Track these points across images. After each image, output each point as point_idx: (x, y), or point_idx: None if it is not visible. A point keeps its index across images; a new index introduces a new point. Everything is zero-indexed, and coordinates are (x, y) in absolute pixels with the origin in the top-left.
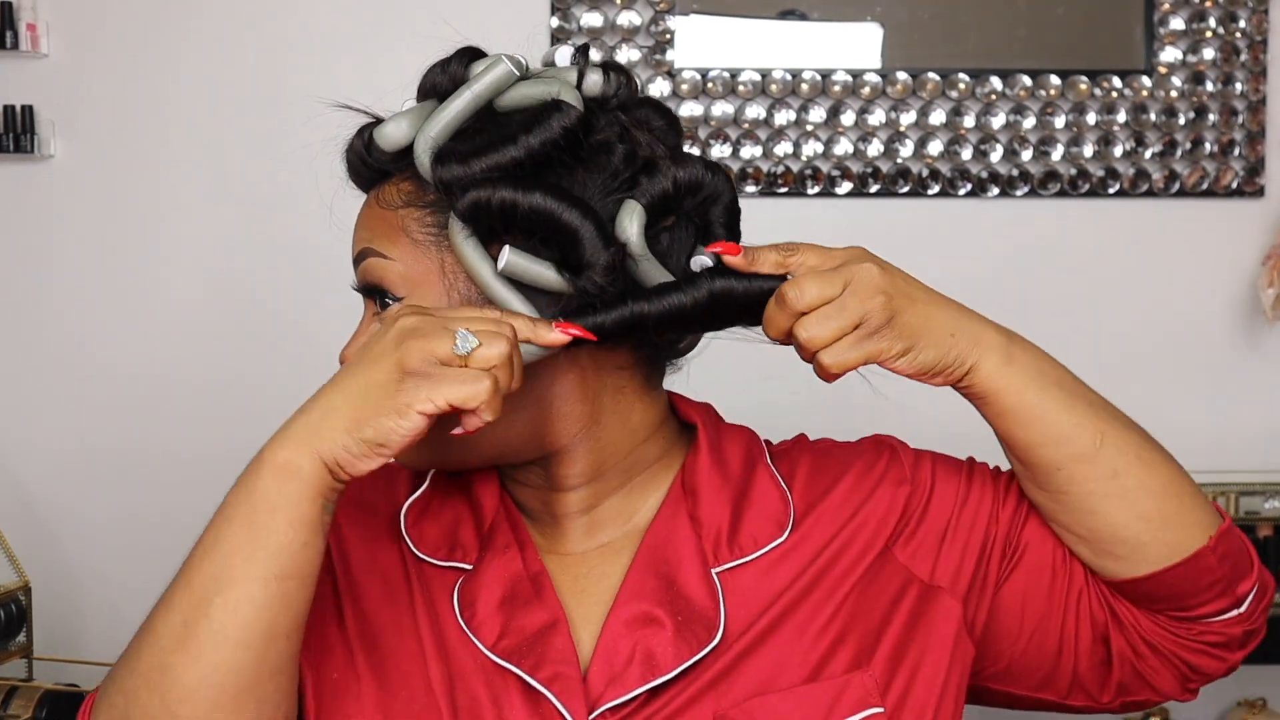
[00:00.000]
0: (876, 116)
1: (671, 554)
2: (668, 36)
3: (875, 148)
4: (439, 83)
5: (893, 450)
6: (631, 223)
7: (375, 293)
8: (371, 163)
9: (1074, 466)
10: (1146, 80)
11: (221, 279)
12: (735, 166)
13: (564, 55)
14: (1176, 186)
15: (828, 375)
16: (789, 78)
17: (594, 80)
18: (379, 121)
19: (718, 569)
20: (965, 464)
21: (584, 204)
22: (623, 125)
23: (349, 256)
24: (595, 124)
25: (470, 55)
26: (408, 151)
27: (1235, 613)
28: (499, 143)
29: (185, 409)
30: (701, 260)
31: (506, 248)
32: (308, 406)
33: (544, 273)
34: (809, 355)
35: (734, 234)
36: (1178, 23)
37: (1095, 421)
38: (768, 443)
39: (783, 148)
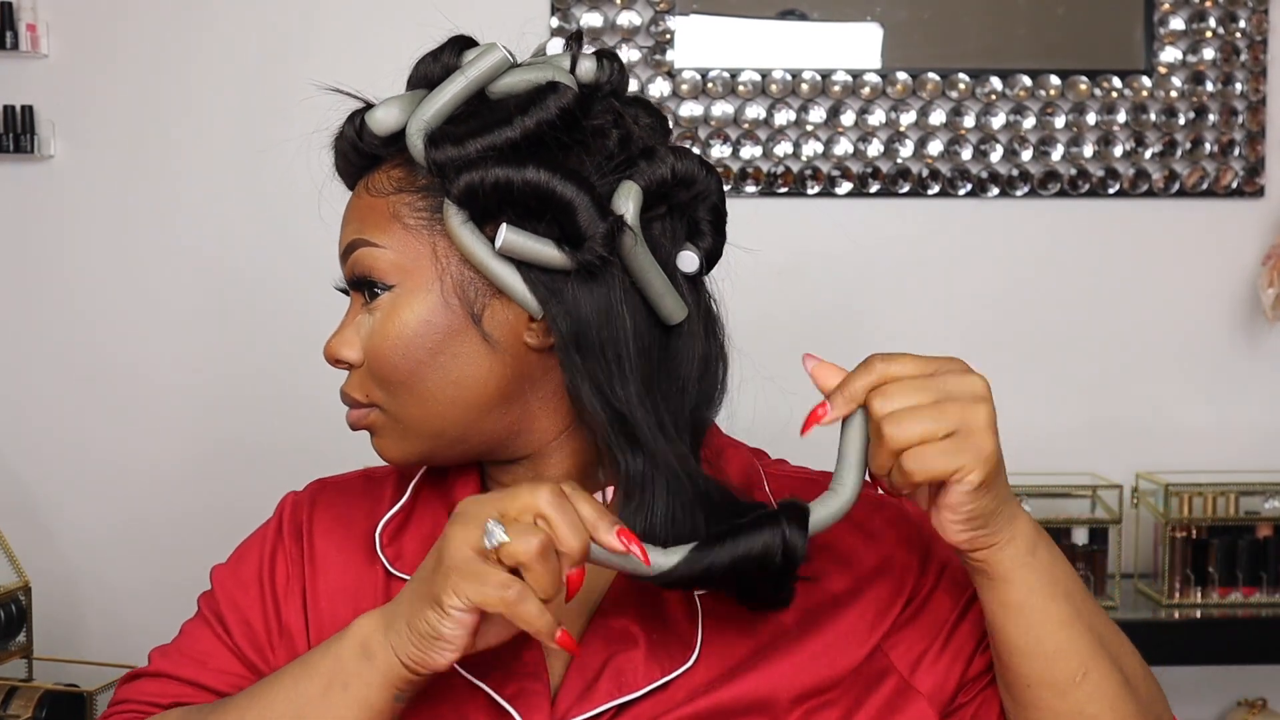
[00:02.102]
0: (876, 116)
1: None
2: (668, 36)
3: (875, 148)
4: (431, 72)
5: (910, 531)
6: (628, 202)
7: (364, 284)
8: (363, 148)
9: (1043, 691)
10: (1146, 80)
11: (222, 279)
12: (735, 166)
13: (556, 46)
14: (1176, 186)
15: (906, 483)
16: (789, 78)
17: (587, 67)
18: (370, 107)
19: (701, 592)
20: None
21: (579, 175)
22: (616, 112)
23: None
24: (590, 108)
25: (462, 44)
26: (399, 137)
27: None
28: (494, 124)
29: (185, 409)
30: (689, 257)
31: (504, 226)
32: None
33: (543, 249)
34: (887, 459)
35: (719, 235)
36: (1178, 23)
37: (1086, 651)
38: (781, 463)
39: (783, 148)
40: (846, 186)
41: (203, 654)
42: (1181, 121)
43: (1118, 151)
